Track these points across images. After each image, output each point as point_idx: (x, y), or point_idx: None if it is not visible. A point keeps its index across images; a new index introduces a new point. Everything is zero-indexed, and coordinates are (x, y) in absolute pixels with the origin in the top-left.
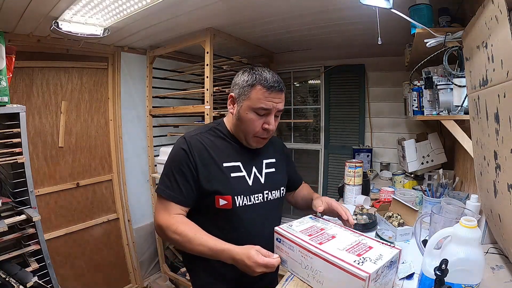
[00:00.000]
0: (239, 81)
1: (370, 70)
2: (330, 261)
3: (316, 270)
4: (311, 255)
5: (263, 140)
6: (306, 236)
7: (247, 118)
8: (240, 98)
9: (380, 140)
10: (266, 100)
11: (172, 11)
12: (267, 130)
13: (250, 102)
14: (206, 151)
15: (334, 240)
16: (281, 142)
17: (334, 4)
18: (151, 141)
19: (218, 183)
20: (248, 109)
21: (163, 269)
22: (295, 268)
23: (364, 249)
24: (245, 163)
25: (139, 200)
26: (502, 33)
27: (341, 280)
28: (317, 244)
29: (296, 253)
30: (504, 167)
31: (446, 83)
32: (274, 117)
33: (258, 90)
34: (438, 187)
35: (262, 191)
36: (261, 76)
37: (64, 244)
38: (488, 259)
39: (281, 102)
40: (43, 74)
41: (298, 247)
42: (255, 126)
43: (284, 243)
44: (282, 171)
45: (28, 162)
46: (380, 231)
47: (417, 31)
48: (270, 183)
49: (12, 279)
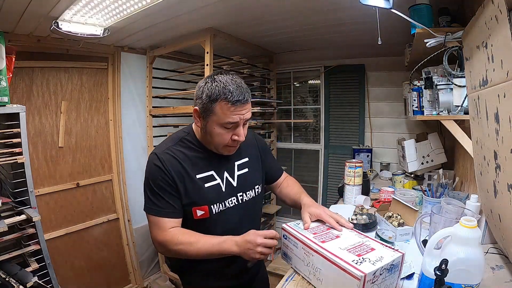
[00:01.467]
0: (201, 95)
1: (370, 70)
2: (329, 259)
3: (317, 268)
4: (312, 252)
5: (234, 148)
6: (311, 234)
7: (215, 132)
8: (205, 112)
9: (380, 140)
10: (232, 115)
11: (172, 11)
12: (237, 141)
13: (216, 117)
14: (180, 164)
15: (338, 240)
16: (253, 137)
17: (334, 4)
18: (151, 141)
19: (194, 195)
20: (215, 124)
21: (163, 269)
22: (298, 265)
23: (365, 250)
24: (217, 170)
25: (139, 200)
26: (502, 33)
27: (338, 279)
28: (320, 242)
29: (300, 250)
30: (504, 167)
31: (446, 83)
32: (242, 126)
33: (223, 105)
34: (438, 187)
35: (236, 194)
36: (224, 89)
37: (64, 244)
38: (488, 259)
39: (248, 112)
40: (43, 74)
41: (302, 244)
42: (224, 139)
43: (290, 240)
44: (256, 168)
45: (28, 162)
46: (380, 231)
47: (417, 31)
48: (243, 185)
49: (12, 279)
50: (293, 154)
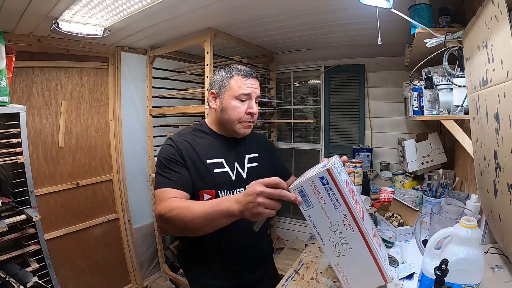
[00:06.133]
0: (217, 77)
1: (370, 70)
2: (370, 247)
3: (346, 243)
4: (354, 228)
5: (249, 126)
6: (353, 200)
7: (231, 106)
8: (221, 91)
9: (380, 140)
10: (246, 86)
11: (172, 11)
12: (251, 114)
13: (231, 91)
14: (192, 148)
15: (365, 218)
16: (265, 138)
17: (334, 4)
18: (151, 141)
19: (203, 178)
20: (231, 98)
21: (163, 269)
22: (318, 221)
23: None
24: (227, 159)
25: (139, 200)
26: (502, 33)
27: (364, 267)
28: (361, 218)
29: (337, 212)
30: (504, 167)
31: (446, 83)
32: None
33: (236, 79)
34: (438, 187)
35: (244, 185)
36: (236, 68)
37: (64, 244)
38: (488, 259)
39: (258, 89)
40: (43, 74)
41: (347, 209)
42: (239, 112)
43: (329, 190)
44: (266, 165)
45: (28, 162)
46: (380, 231)
47: (417, 31)
48: (253, 178)
49: (12, 279)
50: (293, 154)
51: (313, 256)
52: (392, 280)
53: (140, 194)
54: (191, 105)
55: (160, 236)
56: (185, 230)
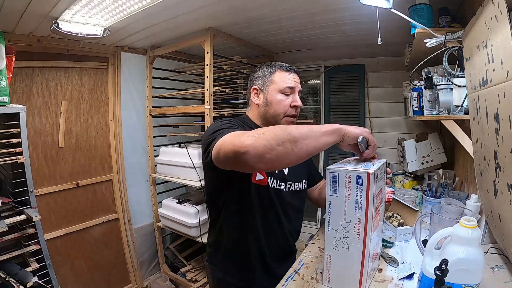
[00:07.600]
0: (259, 73)
1: (370, 70)
2: (364, 258)
3: (347, 243)
4: (362, 236)
5: (292, 122)
6: (375, 210)
7: (276, 100)
8: (264, 86)
9: (380, 140)
10: (289, 80)
11: (172, 11)
12: (295, 107)
13: (275, 85)
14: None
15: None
16: None
17: (334, 4)
18: (151, 141)
19: None
20: (275, 91)
21: (163, 269)
22: (335, 211)
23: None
24: None
25: (139, 200)
26: (502, 33)
27: (349, 271)
28: (372, 230)
29: (355, 213)
30: (504, 167)
31: (446, 83)
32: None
33: (279, 73)
34: (438, 187)
35: (286, 181)
36: (278, 64)
37: (64, 244)
38: (488, 259)
39: (299, 83)
40: (43, 74)
41: (364, 216)
42: (284, 105)
43: (358, 191)
44: (302, 165)
45: (28, 162)
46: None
47: (417, 31)
48: (293, 175)
49: (12, 279)
50: None
51: (313, 256)
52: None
53: (140, 194)
54: (191, 105)
55: (160, 236)
56: (287, 143)
